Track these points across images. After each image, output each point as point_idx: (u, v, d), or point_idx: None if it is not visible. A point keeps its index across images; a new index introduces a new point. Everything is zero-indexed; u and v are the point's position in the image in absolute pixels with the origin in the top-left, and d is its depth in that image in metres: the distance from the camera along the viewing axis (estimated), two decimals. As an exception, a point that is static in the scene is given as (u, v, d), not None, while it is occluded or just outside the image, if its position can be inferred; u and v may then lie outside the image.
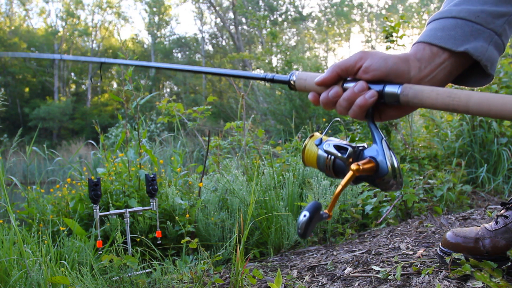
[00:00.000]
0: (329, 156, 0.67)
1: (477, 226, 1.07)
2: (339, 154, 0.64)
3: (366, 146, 0.65)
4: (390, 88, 0.64)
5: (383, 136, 0.63)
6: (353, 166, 0.59)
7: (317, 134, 0.72)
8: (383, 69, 0.65)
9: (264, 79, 0.78)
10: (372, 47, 28.57)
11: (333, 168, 0.67)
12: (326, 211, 0.57)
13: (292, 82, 0.74)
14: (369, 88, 0.65)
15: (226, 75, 0.86)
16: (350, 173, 0.60)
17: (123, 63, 1.09)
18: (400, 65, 0.65)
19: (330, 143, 0.67)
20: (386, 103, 0.65)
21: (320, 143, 0.68)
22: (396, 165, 0.60)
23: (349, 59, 0.67)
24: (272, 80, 0.77)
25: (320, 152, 0.68)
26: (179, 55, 30.03)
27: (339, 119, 0.85)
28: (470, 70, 0.71)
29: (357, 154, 0.64)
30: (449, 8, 0.70)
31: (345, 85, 0.68)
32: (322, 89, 0.70)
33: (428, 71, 0.66)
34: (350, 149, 0.64)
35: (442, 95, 0.58)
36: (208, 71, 0.93)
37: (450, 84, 0.72)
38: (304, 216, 0.53)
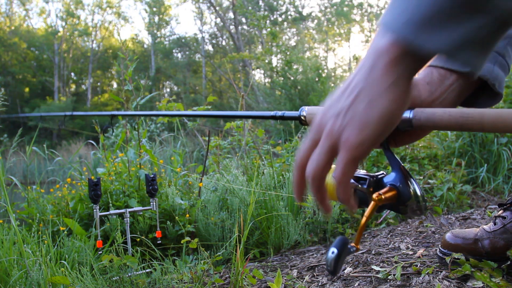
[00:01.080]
0: None
1: (477, 226, 1.07)
2: (359, 185, 0.64)
3: (385, 173, 0.65)
4: None
5: (401, 162, 0.63)
6: (375, 196, 0.59)
7: (334, 166, 0.73)
8: None
9: (274, 117, 0.79)
10: (372, 47, 28.50)
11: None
12: (353, 244, 0.56)
13: (303, 117, 0.75)
14: None
15: (236, 117, 0.88)
16: (372, 204, 0.59)
17: (132, 114, 1.22)
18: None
19: None
20: (400, 129, 0.65)
21: None
22: (418, 190, 0.60)
23: None
24: (282, 118, 0.78)
25: None
26: (179, 55, 30.05)
27: None
28: (478, 91, 0.72)
29: (377, 183, 0.64)
30: None
31: None
32: None
33: (439, 93, 0.67)
34: (369, 179, 0.63)
35: (455, 116, 0.58)
36: (213, 114, 0.95)
37: None
38: (333, 253, 0.52)
